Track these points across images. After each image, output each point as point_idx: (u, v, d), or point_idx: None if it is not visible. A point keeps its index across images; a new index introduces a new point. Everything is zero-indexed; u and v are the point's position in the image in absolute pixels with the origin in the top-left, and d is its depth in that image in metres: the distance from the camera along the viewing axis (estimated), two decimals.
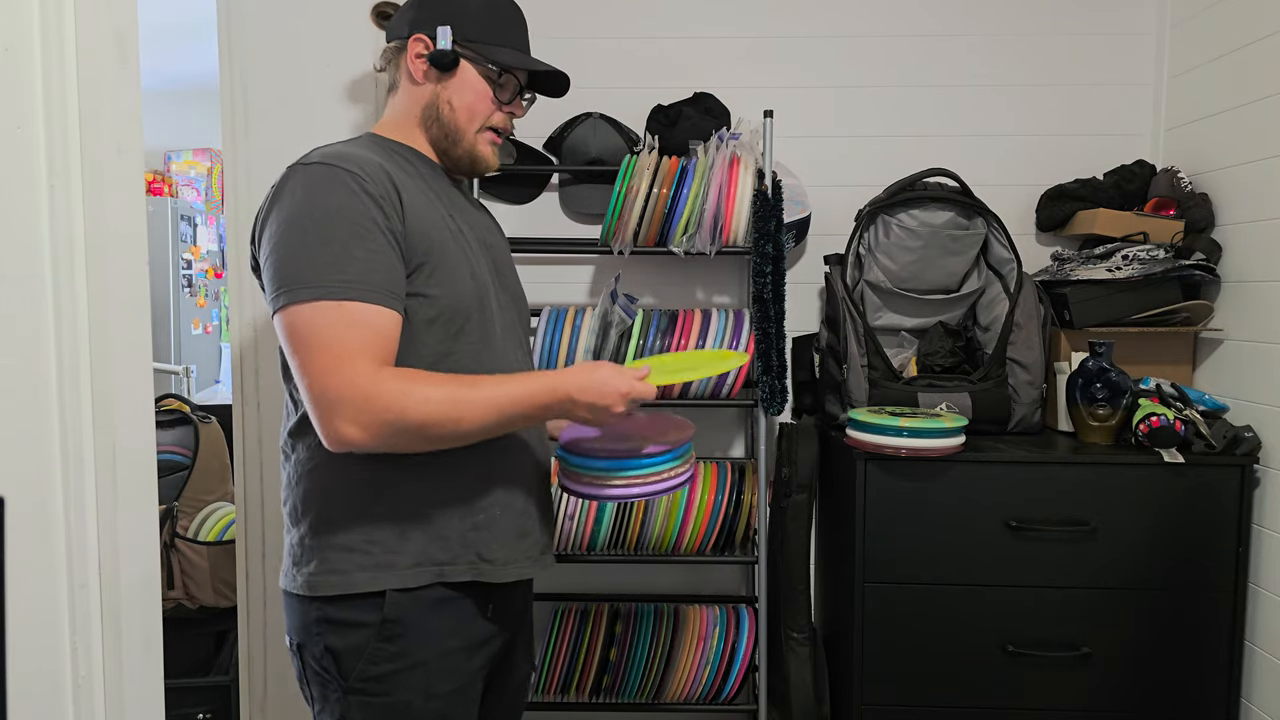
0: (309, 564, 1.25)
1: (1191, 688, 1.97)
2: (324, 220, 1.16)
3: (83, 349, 1.02)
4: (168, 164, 5.02)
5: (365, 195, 1.18)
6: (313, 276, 1.14)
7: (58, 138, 0.98)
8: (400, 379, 1.16)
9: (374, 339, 1.16)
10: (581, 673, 2.25)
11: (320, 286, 1.14)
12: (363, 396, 1.13)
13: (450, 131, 1.36)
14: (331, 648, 1.24)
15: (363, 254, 1.16)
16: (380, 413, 1.14)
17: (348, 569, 1.23)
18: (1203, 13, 2.26)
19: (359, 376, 1.13)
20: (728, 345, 2.16)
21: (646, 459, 1.33)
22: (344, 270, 1.15)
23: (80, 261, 1.01)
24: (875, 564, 2.00)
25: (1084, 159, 2.44)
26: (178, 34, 3.96)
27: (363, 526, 1.24)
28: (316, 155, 1.22)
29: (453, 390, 1.18)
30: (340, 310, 1.14)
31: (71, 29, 0.99)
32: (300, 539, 1.27)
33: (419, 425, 1.16)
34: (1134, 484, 1.96)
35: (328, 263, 1.15)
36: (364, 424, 1.14)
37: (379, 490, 1.25)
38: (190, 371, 3.95)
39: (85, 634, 1.02)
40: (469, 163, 1.39)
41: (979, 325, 2.28)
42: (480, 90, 1.35)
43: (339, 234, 1.16)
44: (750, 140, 2.22)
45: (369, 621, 1.23)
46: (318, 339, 1.14)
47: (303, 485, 1.28)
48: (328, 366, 1.13)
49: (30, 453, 0.97)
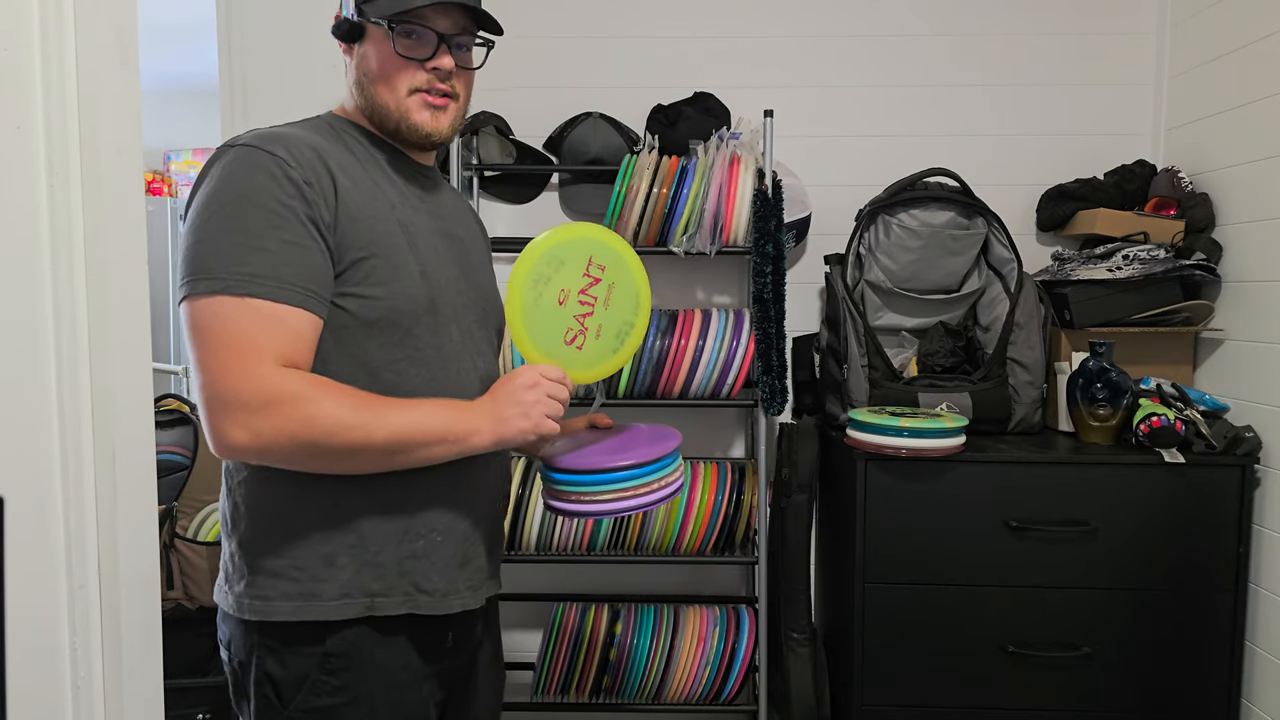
0: (239, 583, 1.15)
1: (1191, 688, 1.97)
2: (235, 206, 1.06)
3: (82, 349, 1.02)
4: (168, 164, 5.02)
5: (286, 181, 1.07)
6: (217, 267, 1.04)
7: (58, 138, 0.98)
8: (309, 384, 1.05)
9: (282, 338, 1.05)
10: (581, 673, 2.24)
11: (222, 279, 1.03)
12: (261, 399, 1.02)
13: (374, 101, 1.21)
14: (271, 674, 1.14)
15: (275, 245, 1.05)
16: (277, 419, 1.03)
17: (272, 595, 1.13)
18: (1203, 13, 2.26)
19: (260, 377, 1.03)
20: (728, 345, 2.15)
21: (630, 470, 1.23)
22: (250, 262, 1.04)
23: (80, 261, 1.01)
24: (875, 564, 2.00)
25: (1084, 159, 2.44)
26: (178, 34, 3.96)
27: (289, 549, 1.13)
28: (247, 136, 1.11)
29: (357, 400, 1.07)
30: (243, 306, 1.03)
31: (71, 29, 0.98)
32: (230, 555, 1.18)
33: (319, 439, 1.05)
34: (1134, 484, 1.96)
35: (234, 254, 1.04)
36: (256, 429, 1.03)
37: (307, 509, 1.13)
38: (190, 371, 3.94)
39: (85, 634, 1.02)
40: (407, 132, 1.22)
41: (979, 325, 2.27)
42: (385, 52, 1.19)
43: (251, 223, 1.05)
44: (750, 140, 2.22)
45: (310, 651, 1.13)
46: (216, 335, 1.03)
47: (232, 498, 1.18)
48: (225, 363, 1.03)
49: (30, 453, 0.97)
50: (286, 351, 1.06)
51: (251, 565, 1.14)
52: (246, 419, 1.03)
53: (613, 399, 2.18)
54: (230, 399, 1.03)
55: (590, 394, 2.14)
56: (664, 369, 2.15)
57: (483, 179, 2.50)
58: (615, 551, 2.26)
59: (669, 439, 1.31)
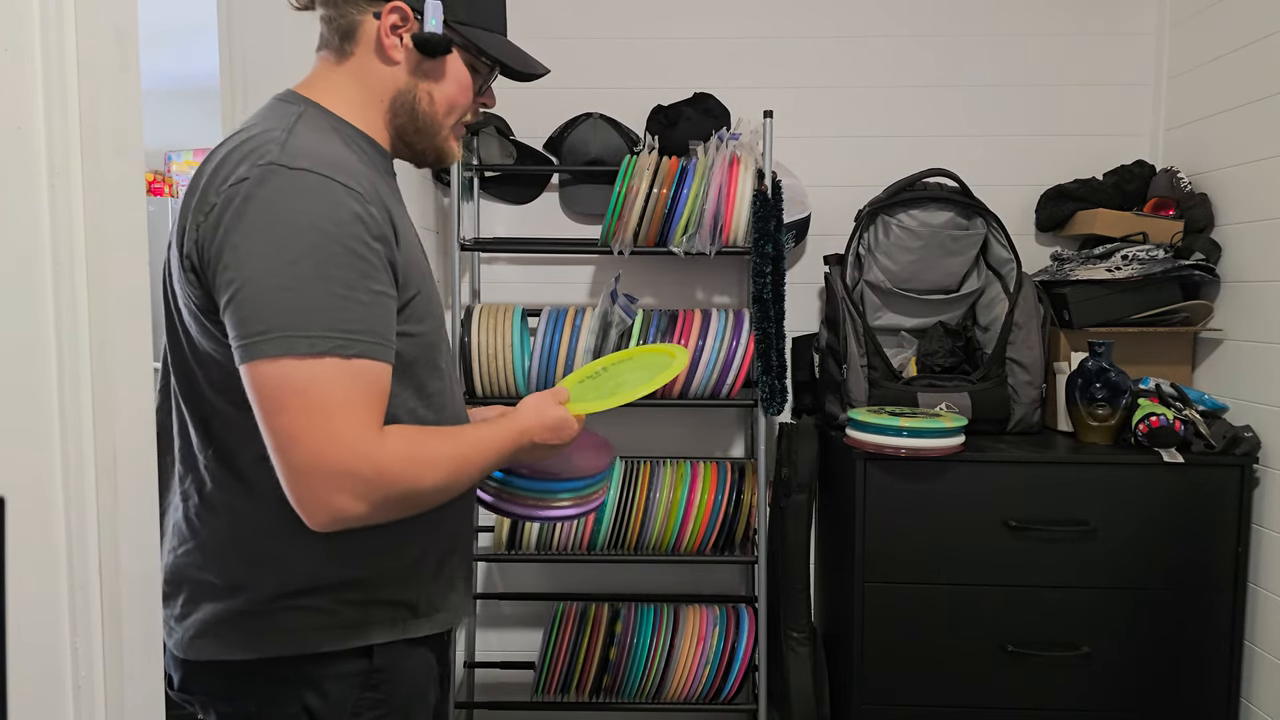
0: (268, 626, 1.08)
1: (1191, 688, 1.97)
2: (326, 250, 0.94)
3: (83, 349, 1.02)
4: (168, 164, 5.01)
5: (369, 220, 0.98)
6: (313, 323, 0.93)
7: (58, 138, 0.98)
8: (403, 442, 1.01)
9: (378, 400, 0.98)
10: (581, 673, 2.25)
11: (325, 338, 0.93)
12: (374, 470, 0.96)
13: (424, 126, 1.14)
14: (309, 708, 1.08)
15: (367, 297, 0.97)
16: (391, 486, 0.98)
17: (324, 625, 1.08)
18: (1203, 13, 2.26)
19: (370, 446, 0.96)
20: (728, 345, 2.16)
21: (587, 479, 1.27)
22: (351, 319, 0.95)
23: (80, 262, 1.01)
24: (875, 564, 2.00)
25: (1084, 159, 2.44)
26: (178, 34, 3.96)
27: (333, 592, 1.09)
28: (301, 158, 0.98)
29: (450, 449, 1.05)
30: (345, 368, 0.95)
31: (71, 29, 0.98)
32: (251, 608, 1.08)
33: (428, 493, 1.02)
34: (1134, 484, 1.96)
35: (331, 306, 0.94)
36: (372, 500, 0.97)
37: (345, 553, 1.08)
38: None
39: (86, 634, 1.02)
40: (433, 158, 1.18)
41: (979, 325, 2.28)
42: (464, 83, 1.15)
43: (345, 271, 0.95)
44: (750, 140, 2.22)
45: (352, 671, 1.10)
46: (315, 399, 0.94)
47: (247, 555, 1.08)
48: (330, 433, 0.94)
49: (30, 453, 0.97)
50: (379, 411, 0.99)
51: (293, 608, 1.08)
52: (363, 490, 0.97)
53: None
54: (342, 471, 0.95)
55: None
56: None
57: (483, 179, 2.50)
58: (615, 551, 2.27)
59: (606, 448, 1.37)
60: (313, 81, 1.13)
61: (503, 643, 2.56)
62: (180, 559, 1.11)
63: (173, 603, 1.11)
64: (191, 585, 1.10)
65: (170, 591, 1.11)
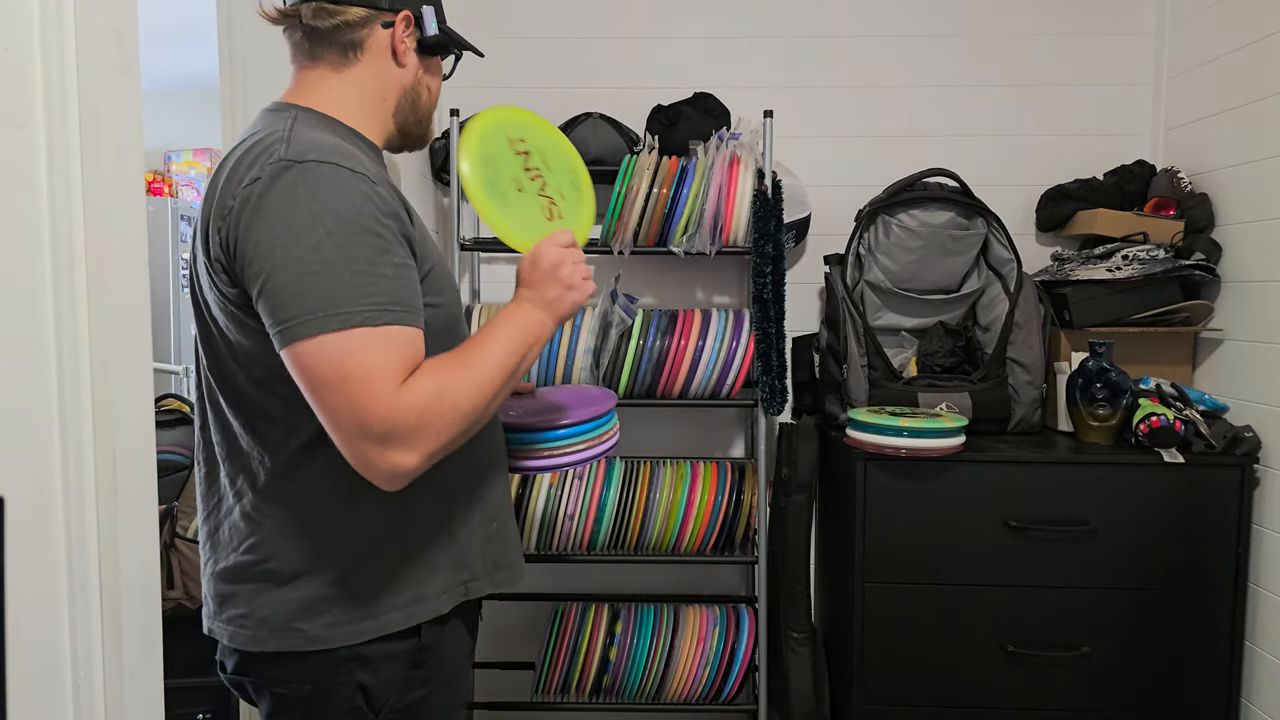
0: (325, 614, 1.14)
1: (1191, 688, 1.97)
2: (345, 233, 1.02)
3: (83, 349, 1.02)
4: (168, 164, 5.02)
5: (379, 199, 1.06)
6: (346, 300, 1.00)
7: (58, 138, 0.98)
8: (426, 377, 1.05)
9: (413, 360, 1.05)
10: (581, 673, 2.24)
11: (357, 312, 1.00)
12: (414, 417, 1.02)
13: (424, 115, 1.27)
14: (364, 685, 1.15)
15: (390, 270, 1.04)
16: (435, 426, 1.04)
17: (379, 612, 1.14)
18: (1203, 13, 2.26)
19: (404, 397, 1.02)
20: (728, 345, 2.15)
21: (571, 427, 1.31)
22: (377, 292, 1.02)
23: (80, 261, 1.01)
24: (875, 564, 2.00)
25: (1084, 159, 2.44)
26: (178, 34, 3.96)
27: (395, 563, 1.15)
28: (309, 151, 1.05)
29: (470, 356, 1.10)
30: (376, 335, 1.01)
31: (71, 29, 0.98)
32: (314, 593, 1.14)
33: (467, 418, 1.07)
34: (1134, 484, 1.96)
35: (357, 283, 1.01)
36: (423, 449, 1.04)
37: (400, 522, 1.16)
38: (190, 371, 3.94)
39: (85, 634, 1.02)
40: (422, 142, 1.31)
41: (979, 325, 2.28)
42: (442, 71, 1.31)
43: (365, 250, 1.02)
44: (750, 140, 2.22)
45: (402, 650, 1.16)
46: (351, 369, 1.00)
47: (308, 536, 1.14)
48: (373, 395, 1.00)
49: (30, 453, 0.97)
50: (414, 366, 1.05)
51: (355, 591, 1.14)
52: (411, 442, 1.02)
53: None
54: (387, 429, 1.01)
55: None
56: (664, 369, 2.15)
57: None
58: (615, 551, 2.27)
59: (605, 398, 1.41)
60: (301, 91, 1.20)
61: (502, 643, 2.56)
62: (241, 557, 1.15)
63: (233, 602, 1.15)
64: (255, 580, 1.14)
65: (230, 593, 1.15)
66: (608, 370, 2.14)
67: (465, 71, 1.71)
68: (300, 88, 1.20)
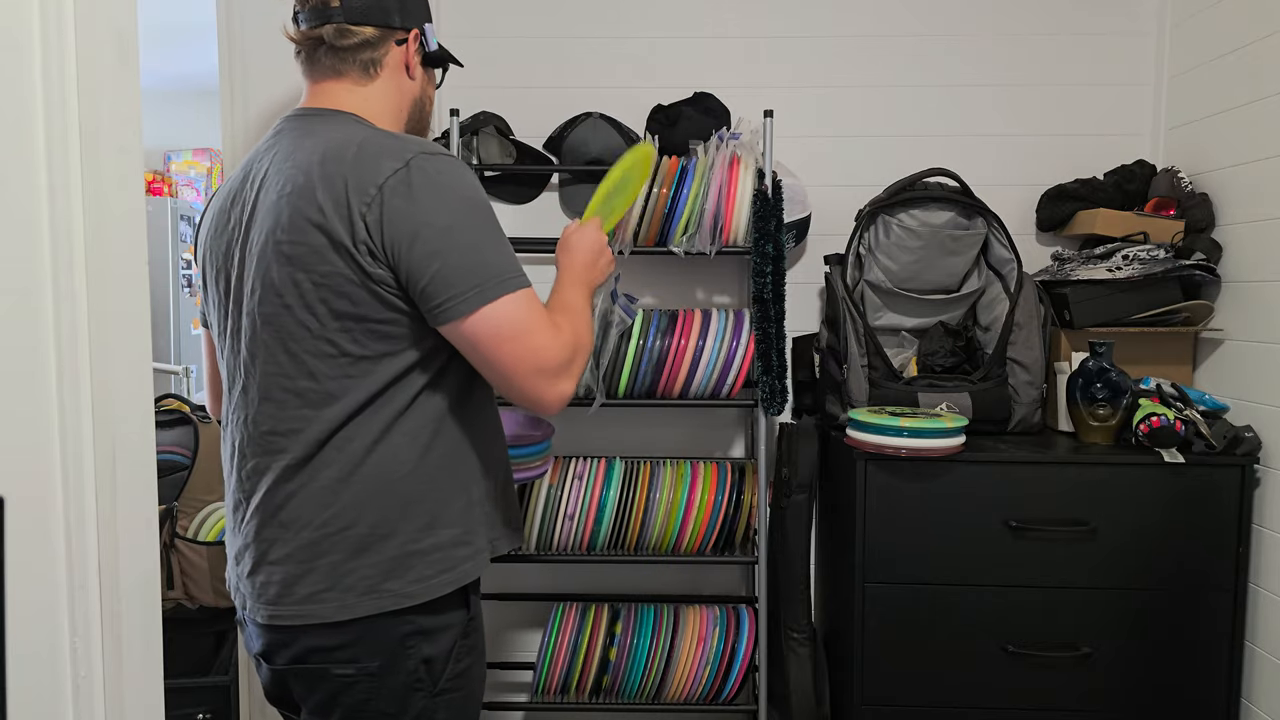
0: (388, 580, 1.23)
1: (1191, 688, 1.97)
2: (486, 213, 1.23)
3: (83, 349, 1.02)
4: (168, 164, 5.02)
5: None
6: (509, 266, 1.21)
7: (58, 138, 0.98)
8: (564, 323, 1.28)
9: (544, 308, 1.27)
10: (581, 673, 2.24)
11: (518, 275, 1.22)
12: (570, 352, 1.25)
13: (426, 122, 1.43)
14: (427, 657, 1.25)
15: (508, 243, 1.25)
16: (581, 355, 1.28)
17: (430, 574, 1.25)
18: (1203, 13, 2.26)
19: (563, 339, 1.24)
20: (728, 345, 2.16)
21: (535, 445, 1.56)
22: (512, 260, 1.23)
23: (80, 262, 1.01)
24: (875, 564, 2.00)
25: (1084, 159, 2.44)
26: (178, 34, 3.96)
27: (436, 526, 1.27)
28: (427, 145, 1.23)
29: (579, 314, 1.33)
30: (524, 295, 1.22)
31: (71, 29, 0.98)
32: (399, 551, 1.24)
33: (588, 350, 1.31)
34: (1134, 484, 1.96)
35: (502, 254, 1.22)
36: (576, 375, 1.26)
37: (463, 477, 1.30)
38: (190, 371, 3.96)
39: (85, 634, 1.02)
40: None
41: (979, 325, 2.28)
42: (435, 82, 1.46)
43: (495, 226, 1.23)
44: (750, 140, 2.22)
45: (455, 622, 1.28)
46: (529, 321, 1.21)
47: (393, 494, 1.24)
48: (546, 341, 1.22)
49: (30, 453, 0.97)
50: None
51: (409, 554, 1.24)
52: (571, 371, 1.25)
53: (613, 399, 2.18)
54: (557, 366, 1.23)
55: (590, 394, 2.15)
56: (664, 369, 2.15)
57: (483, 179, 2.50)
58: (615, 551, 2.27)
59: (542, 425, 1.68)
60: (331, 100, 1.32)
61: (502, 643, 2.56)
62: (318, 532, 1.23)
63: (308, 580, 1.23)
64: (339, 551, 1.23)
65: (303, 571, 1.23)
66: (608, 370, 2.14)
67: (466, 72, 1.71)
68: (329, 97, 1.32)
